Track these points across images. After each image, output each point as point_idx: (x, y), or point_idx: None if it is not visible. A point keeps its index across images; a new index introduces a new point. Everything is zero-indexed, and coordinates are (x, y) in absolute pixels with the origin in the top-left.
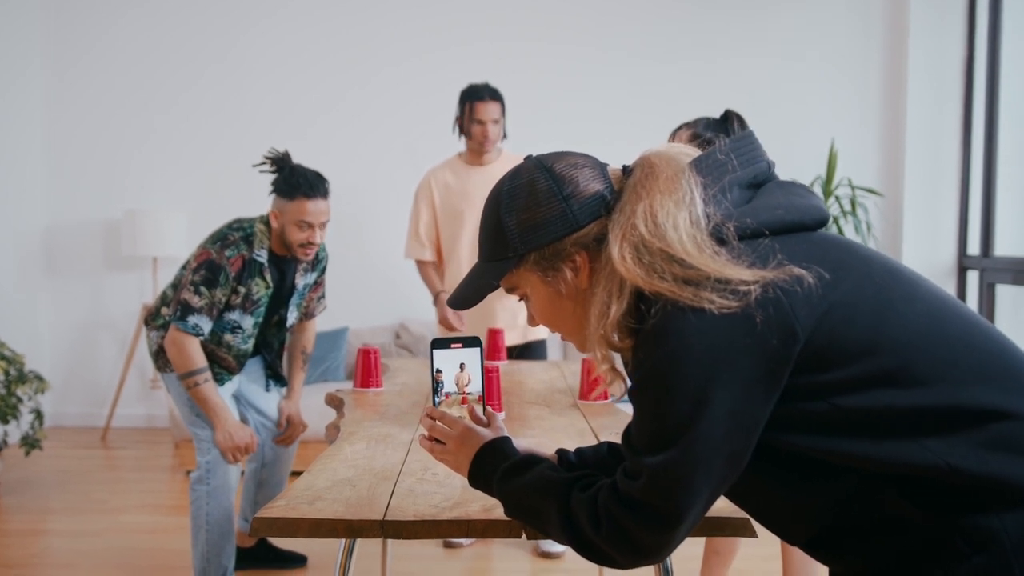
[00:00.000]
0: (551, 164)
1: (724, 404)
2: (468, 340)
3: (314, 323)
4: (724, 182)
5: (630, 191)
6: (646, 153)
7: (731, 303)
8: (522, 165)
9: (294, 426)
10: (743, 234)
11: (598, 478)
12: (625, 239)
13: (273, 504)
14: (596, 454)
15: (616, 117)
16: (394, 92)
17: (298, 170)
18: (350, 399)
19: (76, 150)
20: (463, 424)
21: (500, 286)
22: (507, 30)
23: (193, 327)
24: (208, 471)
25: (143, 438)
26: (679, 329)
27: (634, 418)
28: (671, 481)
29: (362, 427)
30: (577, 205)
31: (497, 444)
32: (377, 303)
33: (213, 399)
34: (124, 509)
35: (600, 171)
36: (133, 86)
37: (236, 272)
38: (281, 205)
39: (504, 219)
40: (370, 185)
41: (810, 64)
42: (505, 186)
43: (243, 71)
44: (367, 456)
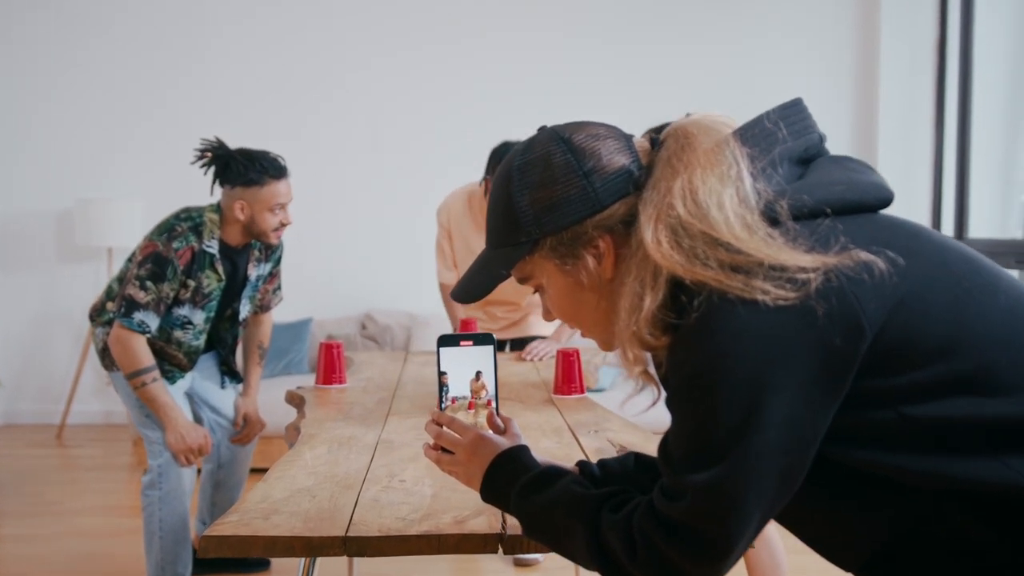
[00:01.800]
0: (569, 135)
1: (779, 412)
2: (479, 337)
3: (271, 316)
4: (774, 154)
5: (663, 165)
6: (679, 122)
7: (788, 293)
8: (535, 137)
9: (251, 424)
10: (799, 214)
11: (630, 495)
12: (660, 221)
13: (224, 520)
14: (622, 467)
15: (586, 103)
16: (356, 76)
17: (252, 154)
18: (311, 397)
19: (23, 135)
20: (475, 431)
21: (510, 275)
22: (479, 19)
23: (139, 324)
24: (160, 475)
25: (100, 435)
26: (727, 324)
27: (672, 428)
28: (719, 502)
29: (324, 428)
30: (600, 182)
31: (514, 454)
32: (342, 293)
33: (162, 399)
34: (79, 511)
35: (625, 143)
36: (83, 68)
37: (185, 265)
38: (248, 194)
39: (516, 199)
40: (332, 171)
41: (780, 45)
42: (516, 161)
43: (199, 52)
44: (329, 462)
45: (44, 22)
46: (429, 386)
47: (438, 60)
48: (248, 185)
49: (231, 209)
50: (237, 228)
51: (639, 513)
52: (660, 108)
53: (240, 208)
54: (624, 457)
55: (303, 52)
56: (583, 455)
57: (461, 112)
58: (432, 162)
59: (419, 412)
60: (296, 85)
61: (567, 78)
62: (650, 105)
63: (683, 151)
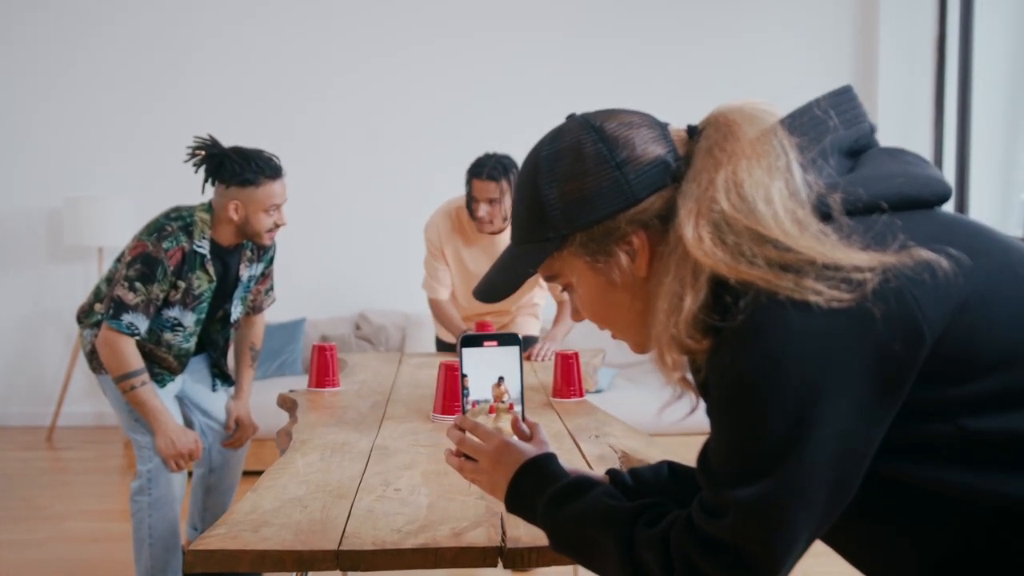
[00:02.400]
0: (601, 123)
1: (832, 422)
2: (504, 337)
3: (262, 317)
4: (824, 143)
5: (703, 156)
6: (720, 109)
7: (842, 295)
8: (564, 125)
9: (243, 428)
10: (853, 209)
11: (666, 508)
12: (701, 215)
13: (211, 533)
14: (655, 476)
15: (584, 102)
16: (349, 75)
17: (247, 154)
18: (304, 400)
19: (11, 134)
20: (499, 437)
21: (536, 273)
22: (473, 18)
23: (128, 326)
24: (150, 480)
25: (91, 437)
26: (777, 327)
27: (714, 439)
28: (766, 520)
29: (316, 434)
30: (634, 174)
31: (541, 462)
32: (335, 293)
33: (152, 403)
34: (69, 516)
35: (660, 132)
36: (73, 66)
37: (175, 266)
38: (244, 195)
39: (543, 191)
40: (325, 170)
41: (779, 44)
42: (544, 150)
43: (191, 51)
44: (321, 469)
45: (34, 21)
46: (424, 389)
47: (432, 60)
48: (243, 185)
49: (224, 209)
50: (230, 228)
51: (676, 529)
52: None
53: (234, 208)
54: (657, 466)
55: (297, 52)
56: (584, 462)
57: (456, 111)
58: (426, 161)
59: (414, 417)
60: (289, 84)
61: (564, 77)
62: (649, 103)
63: (726, 140)
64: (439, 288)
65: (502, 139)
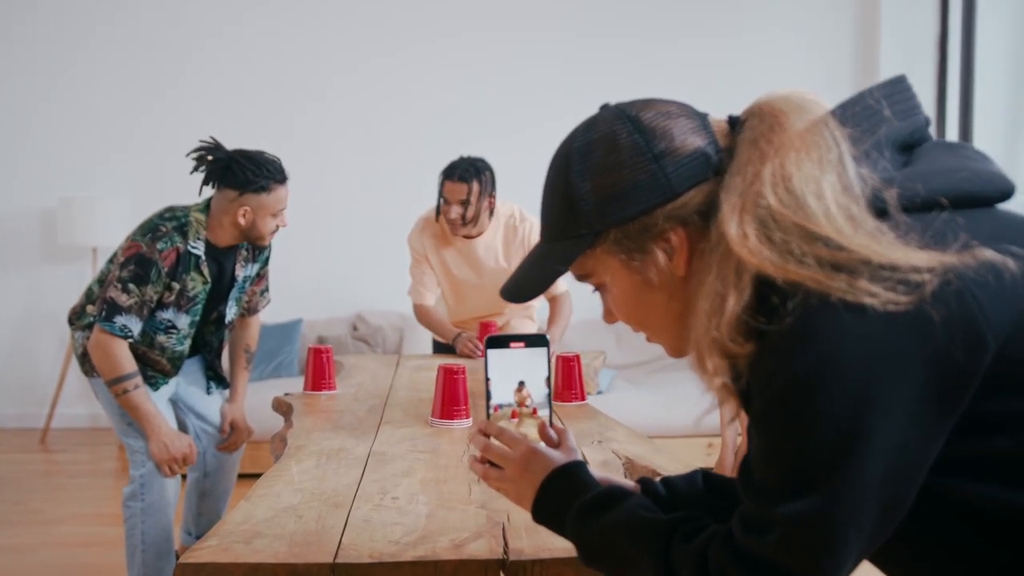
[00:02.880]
0: (637, 113)
1: (886, 435)
2: (532, 339)
3: (258, 319)
4: (879, 135)
5: (748, 148)
6: (765, 98)
7: (899, 297)
8: (597, 115)
9: (238, 431)
10: (910, 205)
11: (704, 522)
12: (746, 211)
13: (202, 545)
14: (689, 486)
15: (581, 101)
16: (347, 75)
17: (256, 159)
18: (300, 404)
19: (6, 133)
20: (526, 443)
21: (567, 272)
22: (471, 18)
23: (121, 328)
24: (143, 485)
25: (86, 439)
26: (829, 331)
27: (756, 450)
28: (812, 538)
29: (312, 439)
30: (672, 166)
31: (571, 470)
32: (332, 293)
33: (145, 407)
34: (62, 520)
35: (700, 122)
36: (67, 65)
37: (169, 267)
38: (254, 200)
39: (575, 184)
40: (323, 170)
41: (779, 40)
42: (577, 141)
43: (187, 51)
44: (316, 476)
45: (29, 21)
46: (423, 393)
47: (431, 60)
48: (257, 192)
49: (228, 213)
50: (231, 232)
51: (716, 545)
52: None
53: (243, 215)
54: (691, 475)
55: (295, 52)
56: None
57: (454, 111)
58: (425, 161)
59: (412, 421)
60: (287, 84)
61: (563, 78)
62: None
63: (772, 131)
64: (425, 293)
65: (501, 139)
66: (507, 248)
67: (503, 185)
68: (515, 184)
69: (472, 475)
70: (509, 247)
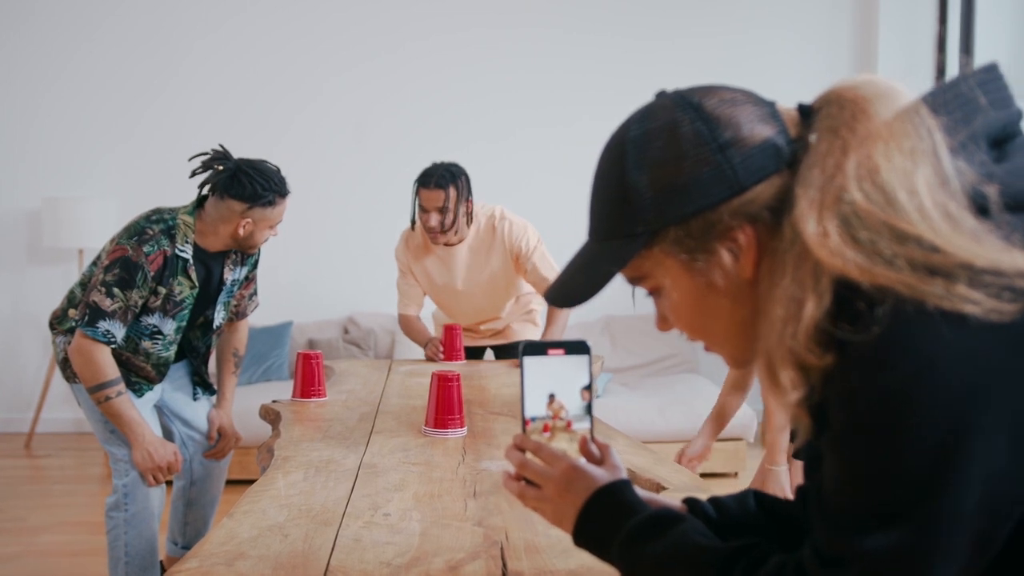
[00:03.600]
0: (699, 99)
1: (983, 461)
2: (571, 345)
3: (246, 322)
4: (974, 126)
5: (827, 137)
6: (843, 84)
7: (1005, 305)
8: (655, 103)
9: (226, 438)
10: (1013, 204)
11: (767, 550)
12: (826, 208)
13: (182, 567)
14: (741, 508)
15: (577, 100)
16: (338, 76)
17: (264, 171)
18: (288, 412)
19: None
20: (567, 461)
21: (618, 273)
22: (463, 17)
23: (104, 334)
24: (126, 495)
25: (71, 444)
26: (923, 343)
27: (833, 475)
28: (897, 574)
29: (300, 450)
30: (739, 157)
31: (616, 490)
32: (323, 295)
33: (128, 414)
34: (45, 528)
35: (768, 110)
36: (52, 62)
37: (156, 271)
38: (257, 213)
39: (631, 178)
40: (314, 170)
41: (777, 40)
42: (632, 130)
43: (176, 50)
44: (304, 491)
45: (12, 21)
46: (416, 400)
47: (421, 61)
48: (264, 206)
49: (229, 223)
50: (225, 240)
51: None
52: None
53: (244, 226)
54: (742, 496)
55: (285, 53)
56: None
57: (445, 112)
58: (416, 160)
59: (405, 431)
60: (277, 84)
61: (556, 77)
62: (638, 99)
63: (856, 120)
64: (409, 304)
65: (494, 141)
66: (488, 250)
67: (498, 187)
68: (510, 185)
69: (468, 491)
70: (491, 249)
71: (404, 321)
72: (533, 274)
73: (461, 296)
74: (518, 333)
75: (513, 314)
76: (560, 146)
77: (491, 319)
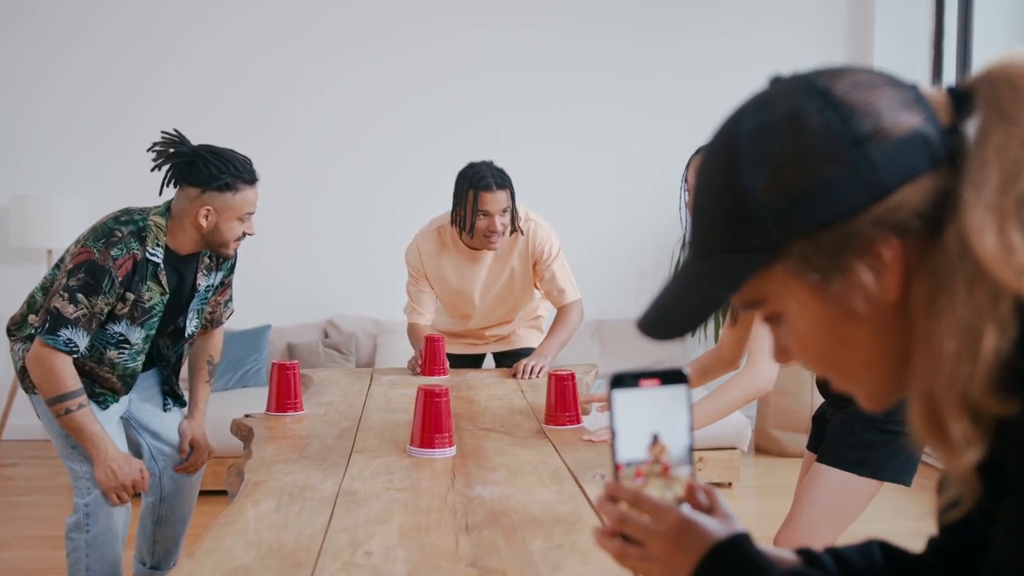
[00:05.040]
0: (828, 84)
1: None
2: (667, 375)
3: (222, 328)
4: None
5: (1000, 126)
6: (1007, 60)
7: None
8: (773, 90)
9: (199, 451)
10: None
11: None
12: (1008, 215)
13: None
14: (865, 562)
15: (574, 98)
16: (317, 74)
17: (222, 155)
18: (262, 428)
19: None
20: (676, 512)
21: (728, 299)
22: (449, 17)
23: (65, 343)
24: (88, 515)
25: (39, 452)
26: None
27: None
28: None
29: (273, 473)
30: (880, 153)
31: (736, 545)
32: (302, 297)
33: (90, 428)
34: (8, 542)
35: (911, 94)
36: (19, 59)
37: (124, 276)
38: (217, 200)
39: (746, 181)
40: (292, 168)
41: (772, 38)
42: (746, 123)
43: (147, 42)
44: (276, 524)
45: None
46: (400, 414)
47: (402, 63)
48: (221, 190)
49: (190, 215)
50: (193, 236)
51: None
52: (649, 104)
53: (204, 215)
54: (865, 547)
55: (263, 49)
56: (590, 507)
57: (429, 111)
58: (400, 159)
59: (388, 449)
60: (252, 80)
61: (547, 76)
62: (639, 101)
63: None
64: (422, 314)
65: (473, 143)
66: (510, 252)
67: None
68: None
69: (460, 524)
70: (512, 250)
71: (413, 331)
72: (549, 283)
73: (475, 302)
74: (523, 339)
75: (520, 320)
76: (560, 146)
77: (501, 323)
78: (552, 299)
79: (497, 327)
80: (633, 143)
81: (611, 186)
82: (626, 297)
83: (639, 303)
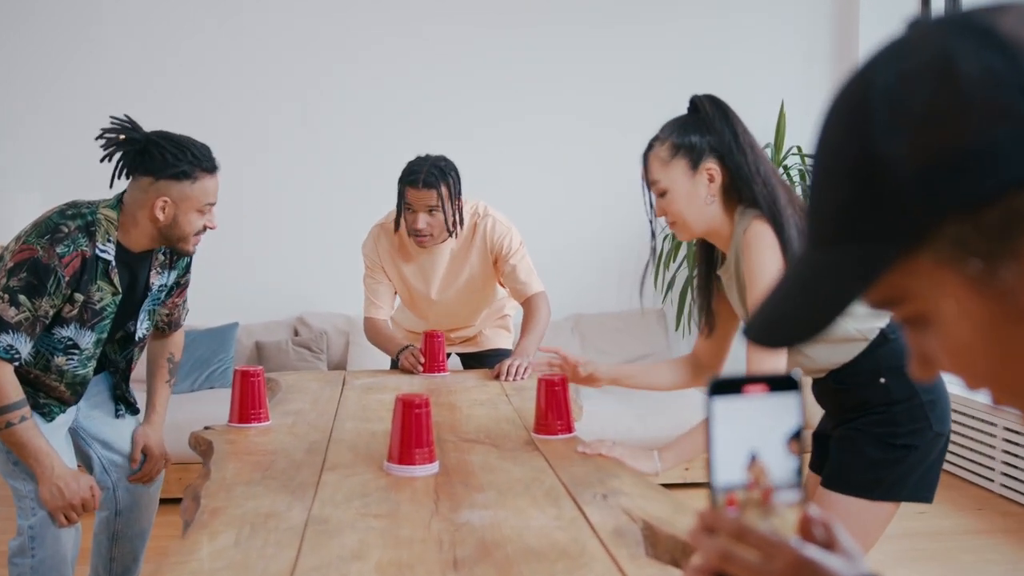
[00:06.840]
0: (989, 23)
1: None
2: (777, 380)
3: (181, 328)
4: None
5: None
6: None
7: None
8: (914, 33)
9: (152, 460)
10: None
11: None
12: None
13: None
14: None
15: (548, 90)
16: (287, 62)
17: (179, 141)
18: (222, 442)
19: None
20: (790, 549)
21: (858, 298)
22: (422, 12)
23: (6, 349)
24: (32, 538)
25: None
26: None
27: None
28: None
29: (233, 498)
30: None
31: None
32: (271, 294)
33: (34, 443)
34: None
35: None
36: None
37: (72, 275)
38: (175, 190)
39: (882, 147)
40: (257, 159)
41: (756, 24)
42: (880, 76)
43: (98, 29)
44: (235, 563)
45: None
46: (375, 424)
47: (376, 58)
48: (178, 179)
49: (144, 207)
50: (147, 231)
51: None
52: (632, 92)
53: (161, 207)
54: None
55: (221, 32)
56: (595, 537)
57: (400, 107)
58: (371, 149)
59: (363, 466)
60: (212, 67)
61: (523, 67)
62: (622, 89)
63: None
64: (377, 307)
65: (446, 139)
66: (468, 250)
67: (469, 182)
68: (483, 179)
69: (447, 558)
70: (470, 249)
71: (371, 326)
72: (511, 277)
73: (435, 303)
74: (490, 340)
75: (486, 320)
76: (536, 140)
77: (463, 327)
78: (516, 294)
79: (460, 329)
80: (612, 134)
81: (590, 178)
82: (606, 290)
83: (620, 296)
